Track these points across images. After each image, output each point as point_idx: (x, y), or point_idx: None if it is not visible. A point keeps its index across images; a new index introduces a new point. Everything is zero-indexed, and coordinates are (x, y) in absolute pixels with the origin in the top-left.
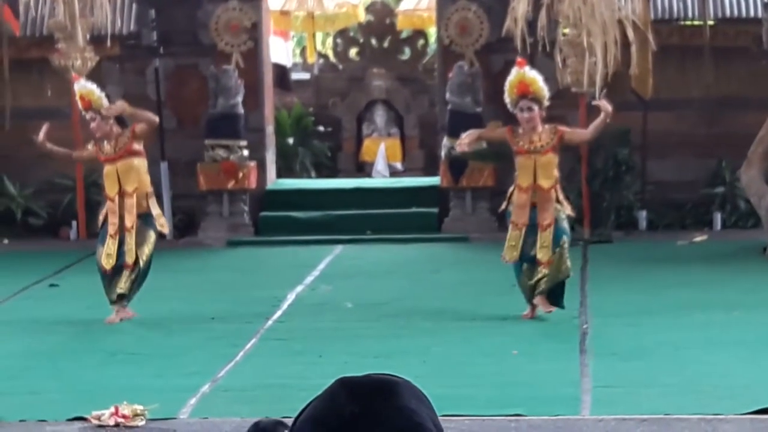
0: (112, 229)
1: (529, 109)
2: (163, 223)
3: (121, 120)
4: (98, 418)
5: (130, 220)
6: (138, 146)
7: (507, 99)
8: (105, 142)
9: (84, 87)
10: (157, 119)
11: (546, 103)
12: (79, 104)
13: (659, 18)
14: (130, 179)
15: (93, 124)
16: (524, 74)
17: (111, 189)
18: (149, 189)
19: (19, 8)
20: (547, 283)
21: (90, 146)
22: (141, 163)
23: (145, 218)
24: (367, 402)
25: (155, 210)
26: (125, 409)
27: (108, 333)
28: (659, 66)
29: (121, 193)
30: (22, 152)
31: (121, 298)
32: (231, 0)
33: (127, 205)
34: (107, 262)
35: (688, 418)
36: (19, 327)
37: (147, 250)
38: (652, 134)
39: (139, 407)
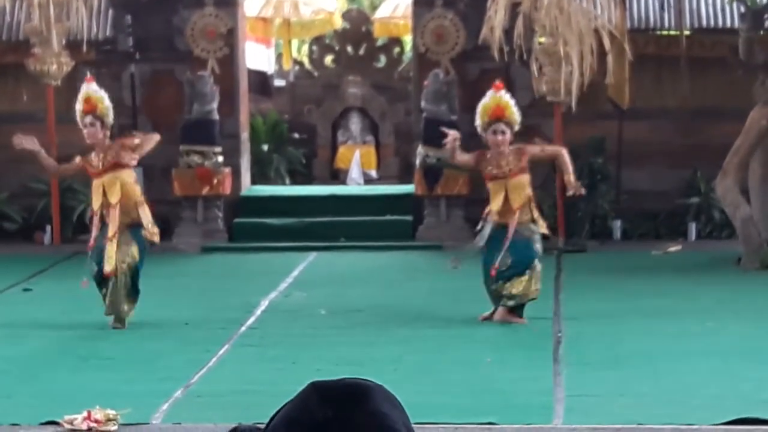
0: (92, 242)
1: (503, 132)
2: (154, 231)
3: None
4: (71, 422)
5: (111, 230)
6: (128, 159)
7: (479, 121)
8: (93, 155)
9: (96, 92)
10: (158, 137)
11: (516, 128)
12: (83, 106)
13: (636, 27)
14: (115, 192)
15: (87, 130)
16: (500, 98)
17: (96, 202)
18: (139, 198)
19: None
20: (516, 302)
21: (77, 160)
22: (128, 175)
23: (133, 229)
24: (339, 406)
25: (145, 219)
26: (98, 414)
27: (81, 338)
28: (635, 75)
29: (106, 206)
30: None
31: (116, 319)
32: (207, 6)
33: (110, 215)
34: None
35: (662, 428)
36: None
37: (126, 264)
38: (628, 143)
39: (111, 412)
